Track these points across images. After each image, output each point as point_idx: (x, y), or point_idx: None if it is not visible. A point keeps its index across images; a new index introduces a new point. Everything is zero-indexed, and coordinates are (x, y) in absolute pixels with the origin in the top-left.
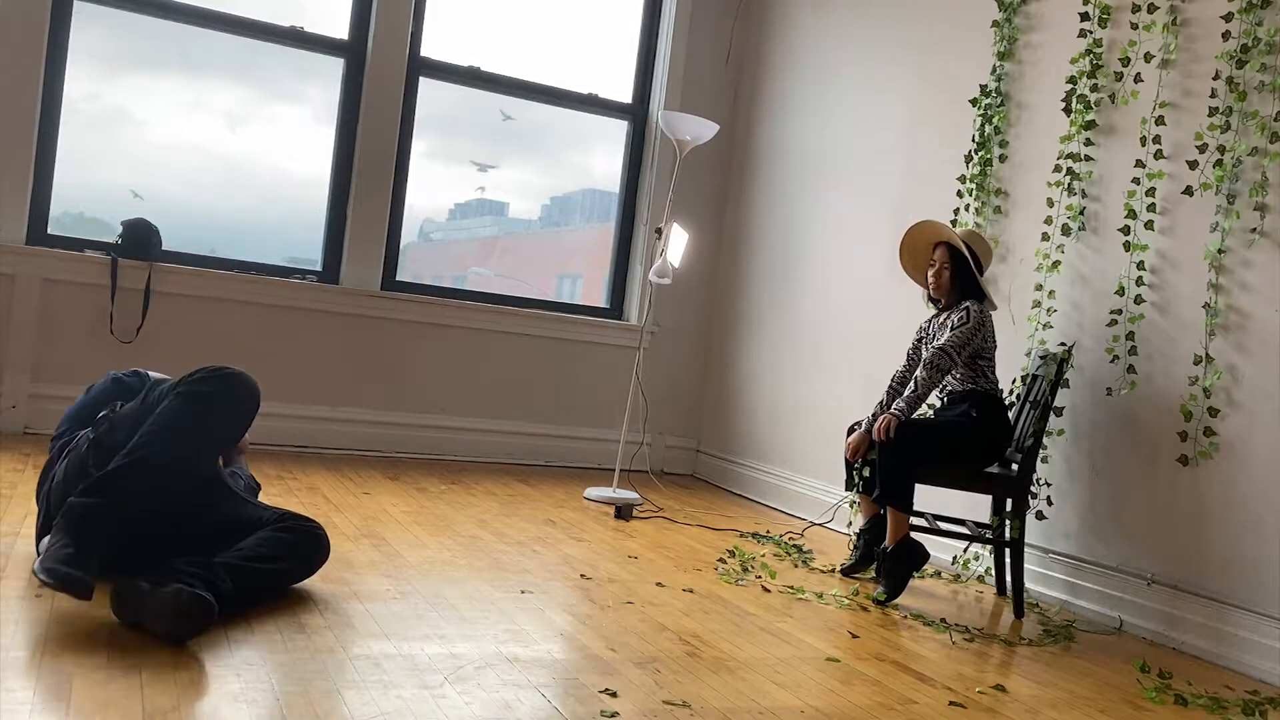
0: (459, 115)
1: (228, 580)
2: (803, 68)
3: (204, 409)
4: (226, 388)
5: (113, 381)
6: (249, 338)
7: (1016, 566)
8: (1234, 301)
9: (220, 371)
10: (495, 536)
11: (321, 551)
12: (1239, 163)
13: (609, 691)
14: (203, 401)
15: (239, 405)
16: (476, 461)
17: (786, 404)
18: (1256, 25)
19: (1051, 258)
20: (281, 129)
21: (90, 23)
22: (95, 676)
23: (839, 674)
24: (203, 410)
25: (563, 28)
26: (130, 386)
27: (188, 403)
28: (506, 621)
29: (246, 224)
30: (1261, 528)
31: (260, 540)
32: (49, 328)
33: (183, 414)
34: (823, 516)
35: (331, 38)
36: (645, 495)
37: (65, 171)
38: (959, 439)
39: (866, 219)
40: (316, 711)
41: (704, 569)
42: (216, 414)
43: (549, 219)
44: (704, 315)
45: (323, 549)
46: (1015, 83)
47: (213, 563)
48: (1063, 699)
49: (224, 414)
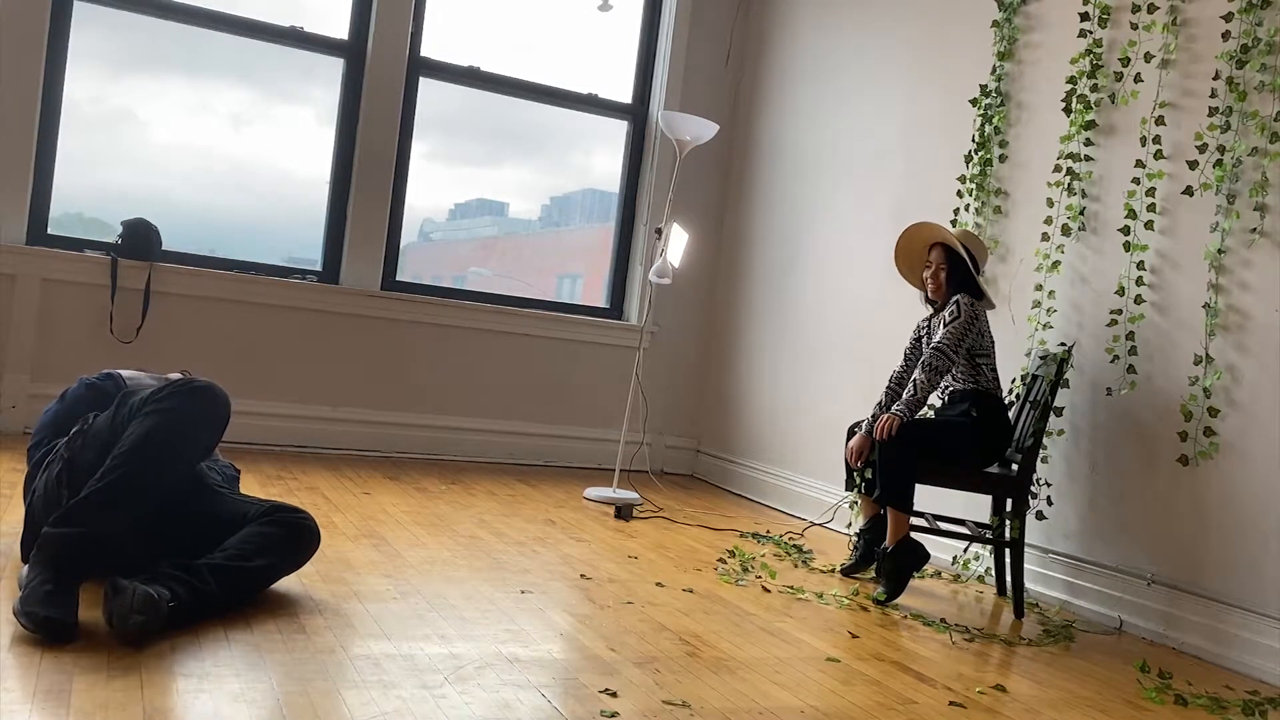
0: (459, 115)
1: (212, 582)
2: (803, 68)
3: (173, 427)
4: (193, 403)
5: (86, 388)
6: (249, 338)
7: (1016, 566)
8: (1234, 301)
9: (185, 386)
10: (495, 536)
11: (309, 542)
12: (1239, 163)
13: (609, 691)
14: (171, 419)
15: (207, 419)
16: (476, 461)
17: (786, 404)
18: (1256, 25)
19: (1051, 258)
20: (282, 130)
21: (91, 23)
22: (95, 676)
23: (839, 674)
24: (173, 429)
25: (563, 27)
26: (104, 391)
27: (157, 421)
28: (506, 621)
29: (246, 224)
30: (1261, 528)
31: (245, 537)
32: (49, 328)
33: (152, 434)
34: (823, 516)
35: (331, 38)
36: (645, 495)
37: (65, 172)
38: (959, 439)
39: (866, 219)
40: (316, 711)
41: (704, 569)
42: (186, 431)
43: (549, 219)
44: (704, 315)
45: (310, 540)
46: (1015, 83)
47: (197, 564)
48: (1063, 699)
49: (194, 430)
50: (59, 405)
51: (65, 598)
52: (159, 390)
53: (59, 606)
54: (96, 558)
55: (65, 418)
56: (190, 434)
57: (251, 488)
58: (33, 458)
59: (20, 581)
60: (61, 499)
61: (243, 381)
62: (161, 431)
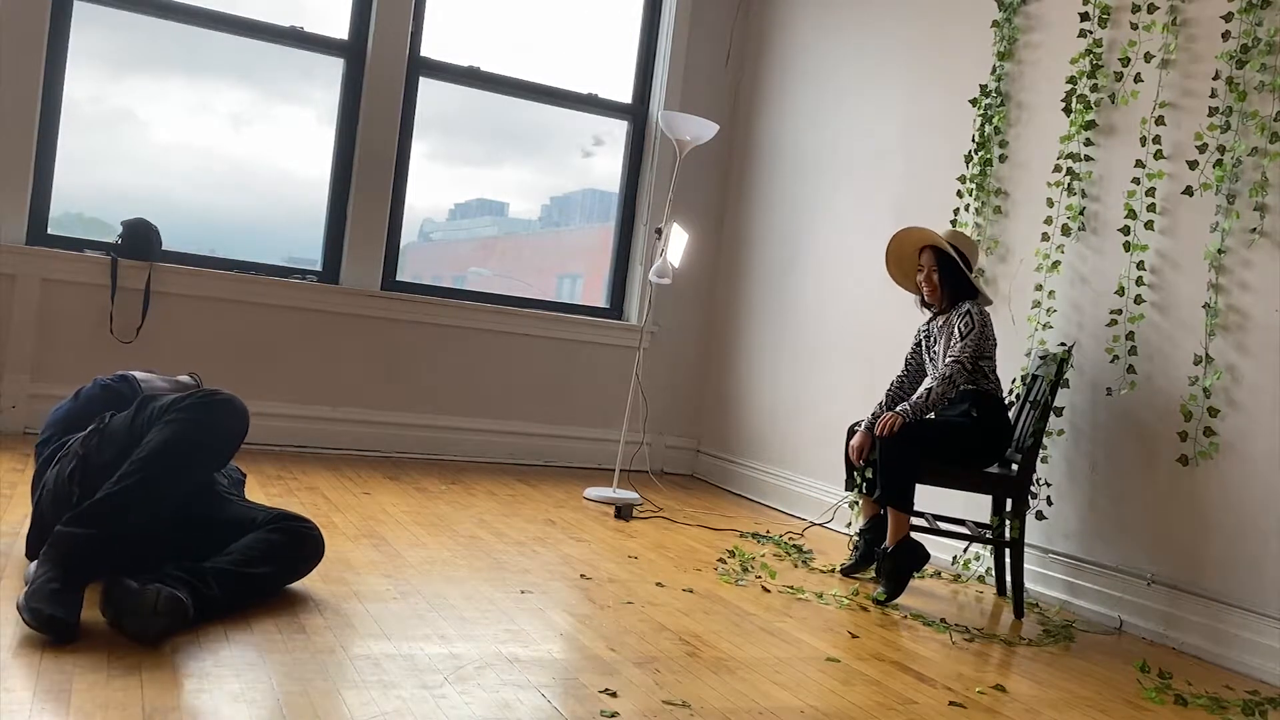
0: (459, 115)
1: (215, 587)
2: (803, 68)
3: (194, 438)
4: (216, 415)
5: (101, 388)
6: (249, 338)
7: (1016, 566)
8: (1234, 301)
9: (209, 398)
10: (495, 536)
11: (312, 553)
12: (1239, 163)
13: (609, 691)
14: (193, 430)
15: (227, 432)
16: (476, 461)
17: (786, 404)
18: (1256, 25)
19: (1051, 258)
20: (283, 130)
21: (91, 23)
22: (95, 676)
23: (839, 674)
24: (193, 439)
25: (563, 27)
26: (120, 393)
27: (178, 431)
28: (506, 621)
29: (246, 224)
30: (1261, 528)
31: (250, 544)
32: (49, 328)
33: (172, 442)
34: (823, 516)
35: (331, 38)
36: (645, 495)
37: (65, 172)
38: (959, 439)
39: (866, 218)
40: (316, 711)
41: (704, 569)
42: (207, 442)
43: (549, 219)
44: (704, 315)
45: (313, 550)
46: (1015, 83)
47: (202, 568)
48: (1063, 699)
49: (215, 442)
50: (72, 403)
51: (70, 597)
52: (182, 399)
53: (64, 605)
54: (105, 560)
55: (78, 416)
56: (211, 445)
57: (252, 487)
58: (41, 454)
59: (26, 577)
60: (72, 496)
61: (243, 381)
62: (183, 441)
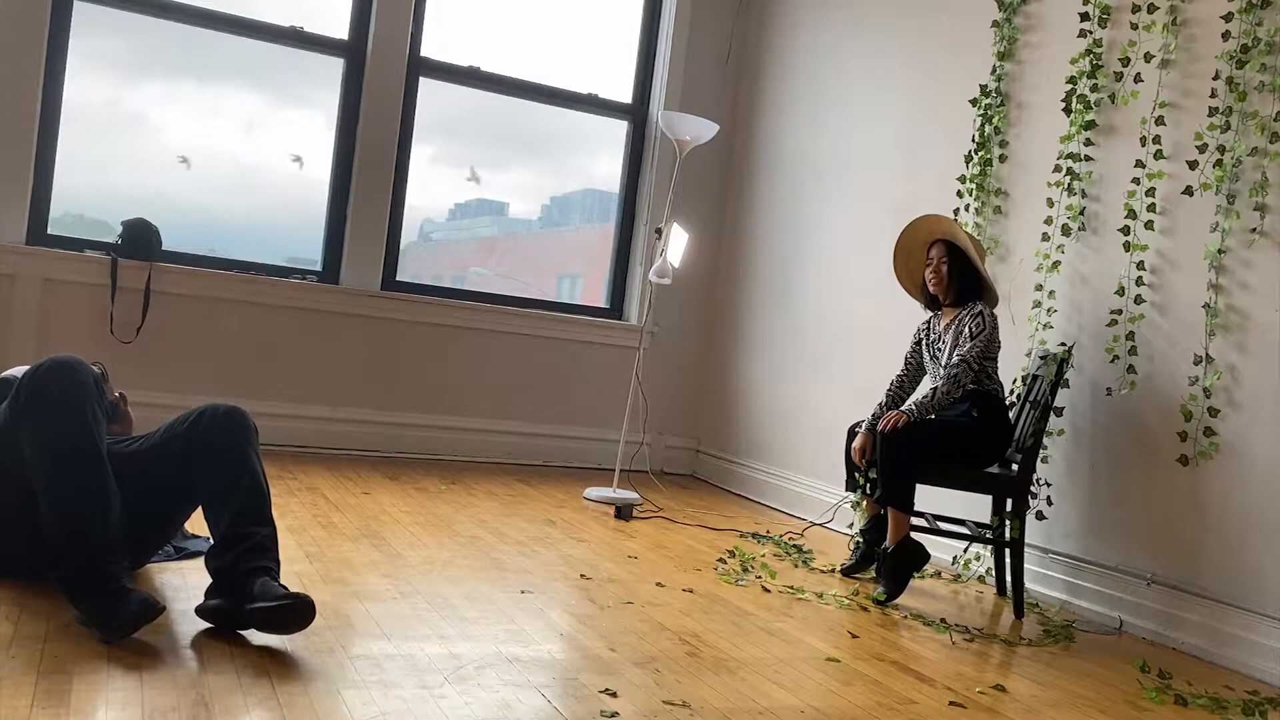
0: (459, 116)
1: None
2: (803, 68)
3: (33, 404)
4: (37, 379)
5: None
6: (249, 338)
7: (1016, 566)
8: (1234, 301)
9: (26, 374)
10: (495, 536)
11: (237, 422)
12: (1239, 163)
13: (609, 691)
14: (25, 400)
15: (47, 376)
16: (476, 461)
17: (786, 404)
18: (1256, 25)
19: (1051, 258)
20: (282, 130)
21: (92, 24)
22: (95, 676)
23: (839, 674)
24: (33, 406)
25: (563, 28)
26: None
27: (30, 425)
28: (506, 621)
29: (246, 224)
30: (1261, 528)
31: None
32: (49, 328)
33: (38, 439)
34: (823, 516)
35: (331, 38)
36: (645, 495)
37: (65, 172)
38: (960, 439)
39: (866, 218)
40: (316, 711)
41: (704, 569)
42: (39, 416)
43: (549, 219)
44: (704, 315)
45: (236, 420)
46: (1015, 83)
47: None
48: (1063, 699)
49: (45, 414)
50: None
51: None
52: (15, 393)
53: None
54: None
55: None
56: (43, 416)
57: None
58: None
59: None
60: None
61: (242, 381)
62: (42, 429)
